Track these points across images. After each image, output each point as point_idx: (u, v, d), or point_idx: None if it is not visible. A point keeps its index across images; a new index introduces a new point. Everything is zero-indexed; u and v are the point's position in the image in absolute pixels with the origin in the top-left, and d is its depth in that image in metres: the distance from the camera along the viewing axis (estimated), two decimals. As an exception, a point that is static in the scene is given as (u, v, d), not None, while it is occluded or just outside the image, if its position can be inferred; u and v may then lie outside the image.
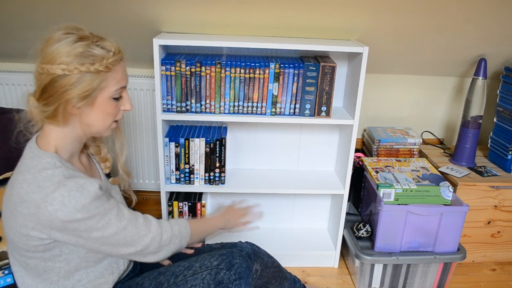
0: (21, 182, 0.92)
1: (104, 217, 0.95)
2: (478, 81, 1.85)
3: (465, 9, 1.58)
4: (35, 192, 0.90)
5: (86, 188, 0.92)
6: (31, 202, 0.90)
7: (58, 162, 0.96)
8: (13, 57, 1.96)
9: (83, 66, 0.92)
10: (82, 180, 0.93)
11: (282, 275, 1.43)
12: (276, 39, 1.65)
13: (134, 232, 1.01)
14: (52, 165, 0.94)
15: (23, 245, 0.95)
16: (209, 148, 1.69)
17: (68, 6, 1.57)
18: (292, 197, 2.00)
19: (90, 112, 0.98)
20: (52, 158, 0.95)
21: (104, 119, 1.01)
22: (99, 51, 0.95)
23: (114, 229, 0.97)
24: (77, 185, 0.91)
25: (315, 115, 1.67)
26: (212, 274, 1.07)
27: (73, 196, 0.90)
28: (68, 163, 0.99)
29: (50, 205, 0.89)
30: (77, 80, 0.93)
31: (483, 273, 1.90)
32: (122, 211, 1.00)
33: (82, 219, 0.91)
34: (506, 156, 1.90)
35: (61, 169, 0.94)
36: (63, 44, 0.93)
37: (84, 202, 0.91)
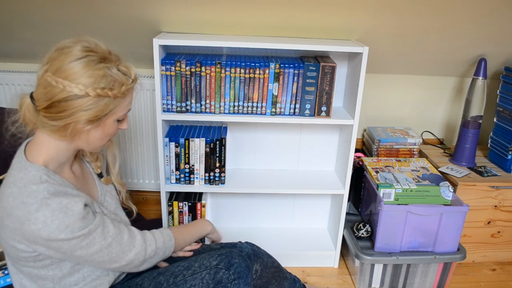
0: (7, 195, 0.91)
1: (88, 236, 0.94)
2: (478, 81, 1.85)
3: (465, 9, 1.58)
4: (19, 208, 0.88)
5: (70, 209, 0.90)
6: (15, 218, 0.89)
7: (45, 175, 0.93)
8: (13, 57, 1.96)
9: (102, 91, 0.90)
10: (66, 200, 0.91)
11: (282, 275, 1.43)
12: (276, 39, 1.65)
13: (119, 249, 1.01)
14: (38, 179, 0.91)
15: (13, 255, 0.96)
16: (209, 148, 1.69)
17: (68, 6, 1.57)
18: (292, 197, 2.00)
19: (94, 132, 0.97)
20: (39, 171, 0.93)
21: (103, 138, 1.00)
22: (119, 76, 0.93)
23: (98, 247, 0.96)
24: (60, 205, 0.89)
25: (315, 115, 1.67)
26: (211, 274, 1.07)
27: (56, 217, 0.88)
28: (56, 176, 0.96)
29: (33, 224, 0.87)
30: (93, 103, 0.90)
31: (483, 273, 1.89)
32: (108, 227, 0.99)
33: (65, 239, 0.90)
34: (506, 156, 1.90)
35: (46, 185, 0.91)
36: (84, 62, 0.89)
37: (68, 222, 0.90)
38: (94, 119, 0.93)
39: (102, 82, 0.90)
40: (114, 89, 0.92)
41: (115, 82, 0.92)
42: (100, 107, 0.92)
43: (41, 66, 0.92)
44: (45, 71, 0.90)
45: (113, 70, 0.92)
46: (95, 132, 0.97)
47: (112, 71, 0.92)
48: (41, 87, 0.91)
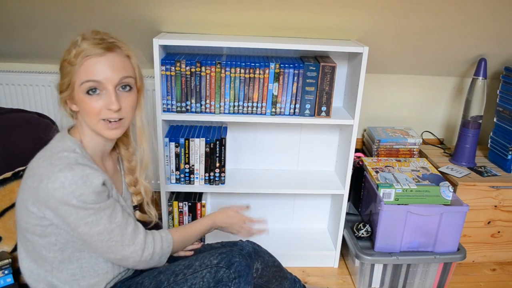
0: (39, 157, 0.98)
1: (96, 214, 0.96)
2: (478, 81, 1.85)
3: (465, 9, 1.58)
4: (45, 168, 0.94)
5: (90, 179, 0.94)
6: (37, 176, 0.94)
7: (78, 149, 1.00)
8: (13, 57, 1.96)
9: (62, 60, 0.99)
10: (90, 170, 0.95)
11: (282, 275, 1.43)
12: (276, 39, 1.65)
13: (119, 239, 1.01)
14: (72, 149, 0.99)
15: (23, 222, 0.98)
16: (209, 148, 1.69)
17: (68, 6, 1.57)
18: (292, 197, 2.00)
19: (80, 109, 1.01)
20: (74, 144, 1.01)
21: (88, 116, 1.00)
22: (74, 47, 0.97)
23: (102, 229, 0.98)
24: (83, 173, 0.93)
25: (315, 115, 1.67)
26: (212, 273, 1.07)
27: (74, 182, 0.92)
28: (87, 154, 1.02)
29: (51, 183, 0.91)
30: (61, 75, 1.00)
31: (483, 273, 1.90)
32: (117, 213, 1.01)
33: (75, 206, 0.93)
34: (506, 156, 1.90)
35: (77, 155, 0.98)
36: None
37: (83, 191, 0.93)
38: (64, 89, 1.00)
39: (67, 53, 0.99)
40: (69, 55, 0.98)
41: (70, 50, 0.98)
42: (62, 76, 1.00)
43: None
44: None
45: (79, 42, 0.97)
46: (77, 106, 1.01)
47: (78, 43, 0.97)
48: None
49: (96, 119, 0.99)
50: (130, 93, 1.03)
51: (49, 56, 1.92)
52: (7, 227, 1.27)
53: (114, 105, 0.98)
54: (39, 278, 1.05)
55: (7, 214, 1.28)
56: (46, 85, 1.95)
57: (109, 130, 1.01)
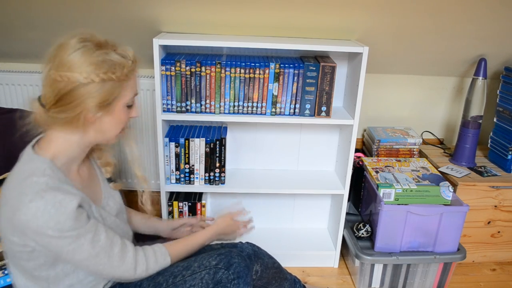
0: (9, 185, 0.93)
1: (76, 240, 0.92)
2: (478, 81, 1.85)
3: (465, 9, 1.58)
4: (15, 198, 0.90)
5: (63, 205, 0.89)
6: (9, 207, 0.90)
7: (49, 169, 0.94)
8: (13, 57, 1.96)
9: (105, 75, 0.92)
10: (62, 195, 0.90)
11: (282, 276, 1.43)
12: (276, 39, 1.65)
13: (106, 261, 0.98)
14: (41, 172, 0.92)
15: (8, 249, 0.96)
16: (209, 148, 1.69)
17: (68, 6, 1.57)
18: (292, 197, 2.00)
19: (106, 120, 0.98)
20: (43, 164, 0.94)
21: (116, 127, 1.01)
22: (118, 59, 0.95)
23: (85, 255, 0.94)
24: (54, 200, 0.89)
25: (315, 115, 1.67)
26: (211, 274, 1.06)
27: (47, 211, 0.87)
28: (59, 172, 0.96)
29: (23, 214, 0.87)
30: (98, 89, 0.93)
31: (483, 273, 1.89)
32: (99, 236, 0.97)
33: (53, 236, 0.89)
34: (506, 156, 1.90)
35: (47, 178, 0.91)
36: (82, 52, 0.92)
37: (58, 219, 0.88)
38: (103, 104, 0.95)
39: (103, 67, 0.92)
40: (116, 71, 0.94)
41: (116, 65, 0.94)
42: (106, 91, 0.94)
43: (43, 67, 0.94)
44: (48, 70, 0.93)
45: (111, 55, 0.94)
46: (107, 118, 0.98)
47: (110, 56, 0.94)
48: (47, 86, 0.93)
49: (120, 129, 1.03)
50: None
51: (49, 56, 1.92)
52: (7, 227, 1.27)
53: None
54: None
55: (7, 214, 1.28)
56: (46, 85, 1.94)
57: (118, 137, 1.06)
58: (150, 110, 1.98)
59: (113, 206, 1.15)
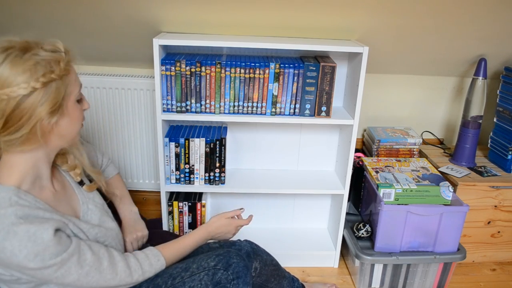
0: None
1: (62, 266, 0.89)
2: (478, 81, 1.85)
3: (465, 9, 1.58)
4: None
5: (39, 236, 0.85)
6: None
7: (15, 196, 0.88)
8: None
9: (45, 77, 0.85)
10: (35, 227, 0.85)
11: (281, 274, 1.43)
12: (276, 39, 1.65)
13: (99, 277, 0.96)
14: (7, 202, 0.86)
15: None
16: (209, 148, 1.69)
17: (68, 6, 1.56)
18: (292, 197, 2.00)
19: (63, 123, 0.93)
20: (8, 193, 0.88)
21: (75, 125, 0.97)
22: (51, 56, 0.88)
23: (75, 277, 0.92)
24: (28, 233, 0.84)
25: (315, 115, 1.67)
26: (210, 275, 1.06)
27: (24, 246, 0.83)
28: (28, 196, 0.91)
29: (1, 253, 0.83)
30: (44, 94, 0.86)
31: (483, 273, 1.90)
32: (85, 255, 0.94)
33: (36, 268, 0.86)
34: (506, 156, 1.90)
35: (15, 208, 0.86)
36: (10, 61, 0.84)
37: (37, 251, 0.84)
38: (54, 107, 0.88)
39: (40, 70, 0.85)
40: (54, 69, 0.87)
41: (51, 63, 0.88)
42: (53, 94, 0.87)
43: None
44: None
45: (41, 53, 0.88)
46: (63, 121, 0.92)
47: (41, 55, 0.87)
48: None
49: (79, 126, 0.99)
50: None
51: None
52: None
53: (89, 105, 1.02)
54: None
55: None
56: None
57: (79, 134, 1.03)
58: (150, 110, 1.98)
59: (95, 210, 1.10)
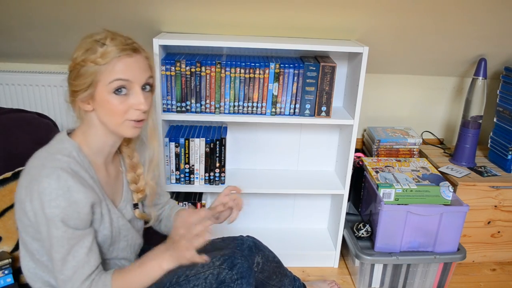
0: (35, 156, 0.97)
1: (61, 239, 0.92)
2: (478, 81, 1.85)
3: (465, 9, 1.58)
4: (36, 167, 0.93)
5: (73, 194, 0.92)
6: (28, 175, 0.94)
7: (75, 152, 0.98)
8: (13, 57, 1.96)
9: (82, 59, 0.95)
10: (77, 186, 0.92)
11: (282, 272, 1.43)
12: (276, 39, 1.65)
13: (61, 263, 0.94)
14: (68, 152, 0.97)
15: (19, 221, 0.99)
16: (209, 148, 1.69)
17: (68, 6, 1.57)
18: (292, 197, 2.00)
19: (99, 109, 0.98)
20: (72, 147, 0.99)
21: (112, 116, 0.99)
22: (101, 46, 0.95)
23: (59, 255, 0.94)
24: (67, 184, 0.91)
25: (315, 115, 1.67)
26: (214, 274, 1.07)
27: (55, 193, 0.90)
28: (85, 159, 1.00)
29: (36, 185, 0.91)
30: (78, 74, 0.96)
31: (483, 273, 1.89)
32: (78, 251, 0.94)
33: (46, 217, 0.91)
34: (506, 156, 1.90)
35: (71, 159, 0.95)
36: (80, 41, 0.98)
37: (61, 204, 0.90)
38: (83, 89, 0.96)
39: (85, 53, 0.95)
40: (92, 55, 0.95)
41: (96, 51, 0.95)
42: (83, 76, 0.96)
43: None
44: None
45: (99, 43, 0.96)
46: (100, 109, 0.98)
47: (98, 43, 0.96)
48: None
49: (121, 120, 0.99)
50: (150, 94, 1.04)
51: (49, 56, 1.92)
52: (7, 227, 1.27)
53: (143, 105, 0.99)
54: (36, 277, 1.05)
55: (7, 214, 1.28)
56: (46, 85, 1.95)
57: (132, 129, 1.02)
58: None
59: (130, 212, 1.15)
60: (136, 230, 1.18)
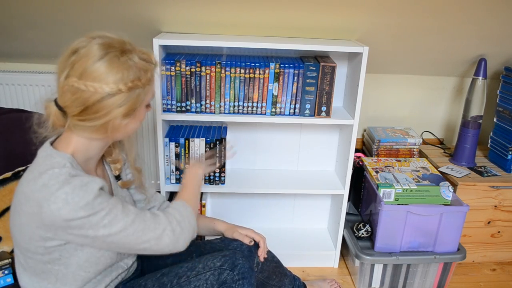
0: (28, 180, 0.91)
1: (109, 213, 0.93)
2: (478, 81, 1.85)
3: (465, 9, 1.58)
4: (40, 191, 0.88)
5: (90, 187, 0.90)
6: (34, 201, 0.88)
7: (69, 163, 0.93)
8: (13, 57, 1.96)
9: (133, 83, 0.91)
10: (87, 178, 0.91)
11: (282, 272, 1.43)
12: (276, 39, 1.65)
13: (144, 226, 0.98)
14: (62, 164, 0.92)
15: (24, 243, 0.94)
16: (209, 148, 1.69)
17: (68, 6, 1.57)
18: (292, 197, 2.00)
19: (131, 123, 0.98)
20: (64, 159, 0.93)
21: (138, 126, 1.01)
22: (143, 65, 0.94)
23: (122, 224, 0.94)
24: (81, 183, 0.89)
25: (315, 115, 1.67)
26: (216, 275, 1.07)
27: (76, 194, 0.88)
28: (79, 166, 0.97)
29: (53, 204, 0.86)
30: (126, 97, 0.91)
31: (483, 273, 1.90)
32: (128, 206, 0.98)
33: (85, 216, 0.89)
34: (506, 156, 1.90)
35: (68, 169, 0.91)
36: (108, 60, 0.89)
37: (87, 199, 0.89)
38: (131, 112, 0.94)
39: (130, 75, 0.91)
40: (142, 78, 0.93)
41: (141, 71, 0.93)
42: (134, 99, 0.93)
43: (58, 72, 0.91)
44: (67, 77, 0.89)
45: (135, 60, 0.92)
46: (132, 123, 0.98)
47: (135, 61, 0.92)
48: (69, 94, 0.90)
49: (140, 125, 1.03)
50: None
51: (49, 56, 1.92)
52: (7, 227, 1.27)
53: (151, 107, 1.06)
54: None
55: (7, 214, 1.28)
56: (46, 85, 1.95)
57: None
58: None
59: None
60: None
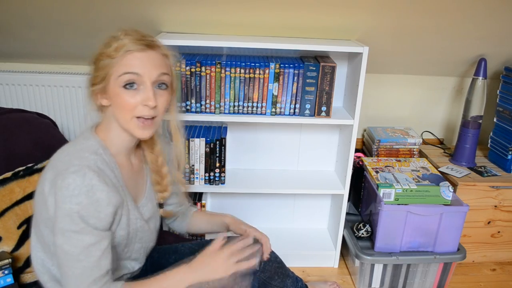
0: (62, 150, 0.99)
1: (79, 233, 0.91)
2: (478, 81, 1.85)
3: (465, 9, 1.58)
4: (63, 162, 0.94)
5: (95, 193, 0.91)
6: (54, 170, 0.94)
7: (101, 149, 0.99)
8: (13, 57, 1.96)
9: (99, 53, 0.98)
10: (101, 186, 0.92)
11: (284, 272, 1.43)
12: (276, 39, 1.65)
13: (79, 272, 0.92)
14: (94, 150, 0.98)
15: (39, 213, 0.99)
16: (209, 148, 1.69)
17: (68, 6, 1.57)
18: (292, 197, 2.00)
19: (113, 103, 0.99)
20: (98, 143, 1.00)
21: (121, 111, 0.98)
22: (116, 41, 0.98)
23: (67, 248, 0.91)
24: (91, 182, 0.91)
25: (315, 115, 1.67)
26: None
27: (80, 189, 0.89)
28: (110, 156, 1.01)
29: (60, 180, 0.90)
30: (96, 67, 0.99)
31: (483, 273, 1.90)
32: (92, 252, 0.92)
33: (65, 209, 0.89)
34: (506, 156, 1.90)
35: (98, 158, 0.97)
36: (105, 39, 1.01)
37: (82, 201, 0.89)
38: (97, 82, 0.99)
39: (103, 48, 0.99)
40: (108, 49, 0.97)
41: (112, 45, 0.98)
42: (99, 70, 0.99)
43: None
44: None
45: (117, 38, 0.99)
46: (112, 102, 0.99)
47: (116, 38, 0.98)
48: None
49: (130, 116, 0.98)
50: (165, 92, 1.02)
51: (49, 56, 1.92)
52: (7, 227, 1.27)
53: (151, 101, 0.97)
54: (44, 269, 1.05)
55: (7, 214, 1.28)
56: (46, 85, 1.95)
57: (141, 129, 1.00)
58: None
59: (150, 208, 1.15)
60: (152, 231, 1.17)
